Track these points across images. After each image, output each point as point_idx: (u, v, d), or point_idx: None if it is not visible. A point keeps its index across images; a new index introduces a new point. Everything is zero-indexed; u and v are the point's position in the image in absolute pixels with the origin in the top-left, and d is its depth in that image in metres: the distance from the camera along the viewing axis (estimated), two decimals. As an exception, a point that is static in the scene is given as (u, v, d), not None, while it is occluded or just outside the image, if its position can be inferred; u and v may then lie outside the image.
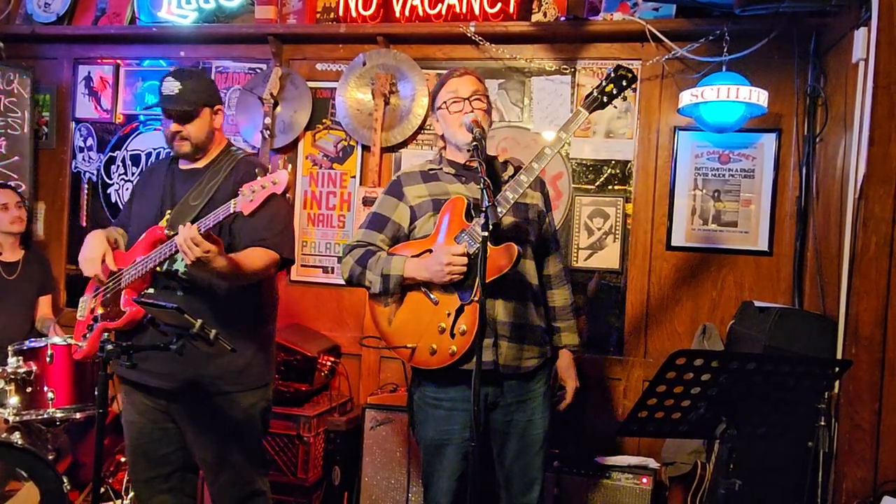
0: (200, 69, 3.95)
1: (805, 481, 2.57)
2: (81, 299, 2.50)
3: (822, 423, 2.50)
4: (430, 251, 2.24)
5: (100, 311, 2.38)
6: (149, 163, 4.05)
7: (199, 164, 2.44)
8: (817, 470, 2.56)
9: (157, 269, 2.26)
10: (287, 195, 2.44)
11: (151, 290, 2.32)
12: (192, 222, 2.17)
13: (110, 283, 2.37)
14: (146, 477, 2.42)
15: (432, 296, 2.22)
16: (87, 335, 2.39)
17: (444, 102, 2.35)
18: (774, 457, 2.59)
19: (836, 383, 2.52)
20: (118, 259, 2.39)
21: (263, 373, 2.47)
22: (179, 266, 2.27)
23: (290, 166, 2.00)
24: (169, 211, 2.36)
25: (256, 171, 2.01)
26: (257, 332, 2.44)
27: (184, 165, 2.46)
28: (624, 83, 2.28)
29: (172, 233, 2.20)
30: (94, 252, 2.33)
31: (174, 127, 2.37)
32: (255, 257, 2.27)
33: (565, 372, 2.46)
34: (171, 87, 2.34)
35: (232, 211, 2.05)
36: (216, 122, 2.43)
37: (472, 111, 2.30)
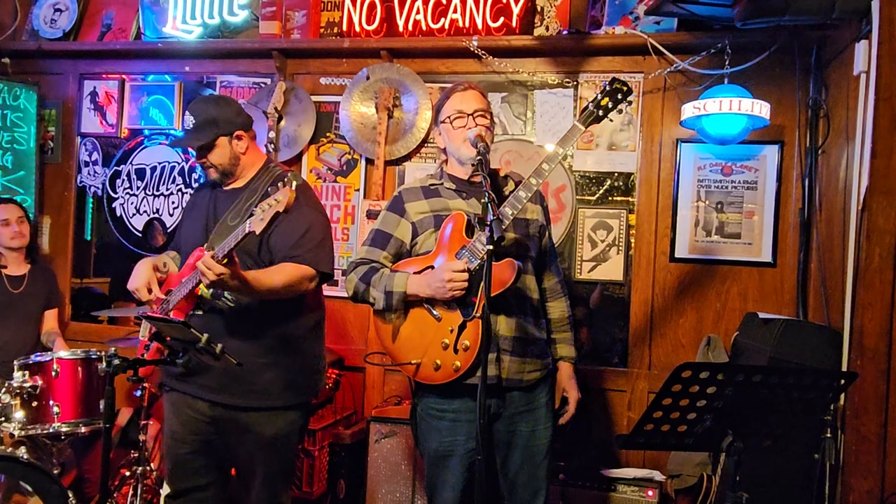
0: (225, 95, 3.83)
1: (811, 493, 2.56)
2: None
3: (828, 435, 2.51)
4: (432, 268, 2.25)
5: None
6: (152, 177, 4.10)
7: (239, 184, 2.49)
8: (824, 482, 2.55)
9: (204, 290, 2.29)
10: (321, 209, 2.49)
11: (200, 312, 2.37)
12: None
13: (163, 305, 2.42)
14: (182, 488, 2.45)
15: (435, 312, 2.23)
16: (144, 354, 2.45)
17: (448, 117, 2.36)
18: (781, 469, 2.58)
19: (842, 395, 2.52)
20: (171, 282, 2.46)
21: (310, 386, 2.52)
22: None
23: (294, 183, 2.00)
24: (212, 232, 2.40)
25: (269, 189, 2.04)
26: (304, 348, 2.48)
27: (226, 186, 2.51)
28: (619, 96, 2.27)
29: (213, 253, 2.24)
30: (139, 282, 2.39)
31: (196, 158, 2.49)
32: (280, 273, 2.29)
33: (566, 384, 2.45)
34: (188, 120, 2.44)
35: (247, 231, 2.06)
36: (238, 148, 2.45)
37: (475, 127, 2.31)
